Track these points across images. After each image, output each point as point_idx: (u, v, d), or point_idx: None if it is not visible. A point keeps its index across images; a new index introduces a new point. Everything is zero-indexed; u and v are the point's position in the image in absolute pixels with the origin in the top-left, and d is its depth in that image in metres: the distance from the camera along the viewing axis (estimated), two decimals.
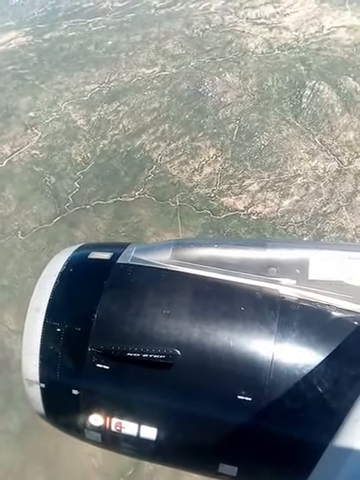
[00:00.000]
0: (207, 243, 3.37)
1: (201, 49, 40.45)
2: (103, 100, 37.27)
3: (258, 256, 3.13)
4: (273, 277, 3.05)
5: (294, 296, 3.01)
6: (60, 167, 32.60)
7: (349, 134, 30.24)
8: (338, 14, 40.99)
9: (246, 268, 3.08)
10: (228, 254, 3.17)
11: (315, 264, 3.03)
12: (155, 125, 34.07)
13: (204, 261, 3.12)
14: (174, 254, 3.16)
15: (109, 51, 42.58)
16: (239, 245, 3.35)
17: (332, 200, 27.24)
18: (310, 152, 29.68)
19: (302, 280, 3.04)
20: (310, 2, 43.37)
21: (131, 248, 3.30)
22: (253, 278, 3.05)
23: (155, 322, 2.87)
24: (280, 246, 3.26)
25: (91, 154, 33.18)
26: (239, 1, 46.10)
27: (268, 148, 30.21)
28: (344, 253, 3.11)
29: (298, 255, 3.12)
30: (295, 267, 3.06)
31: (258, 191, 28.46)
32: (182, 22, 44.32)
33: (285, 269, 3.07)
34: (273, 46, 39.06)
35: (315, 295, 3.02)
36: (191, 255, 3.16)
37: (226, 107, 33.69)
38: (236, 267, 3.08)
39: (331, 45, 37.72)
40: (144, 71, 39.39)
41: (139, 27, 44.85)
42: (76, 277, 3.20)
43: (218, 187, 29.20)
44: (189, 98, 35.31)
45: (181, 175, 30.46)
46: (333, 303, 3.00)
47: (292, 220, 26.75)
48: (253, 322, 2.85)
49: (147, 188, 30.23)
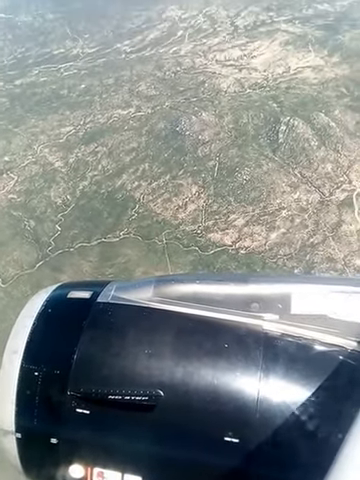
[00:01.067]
0: (189, 279, 3.36)
1: (175, 90, 41.37)
2: (80, 142, 37.12)
3: (240, 291, 3.13)
4: (256, 312, 3.04)
5: (278, 331, 2.99)
6: (40, 210, 31.77)
7: (327, 166, 31.02)
8: (302, 55, 43.11)
9: (229, 304, 3.06)
10: (210, 290, 3.16)
11: (297, 298, 3.04)
12: (135, 165, 34.02)
13: (186, 298, 3.09)
14: (156, 291, 3.13)
15: (83, 94, 42.92)
16: (221, 281, 3.38)
17: (318, 231, 27.49)
18: (292, 185, 30.16)
19: (285, 315, 3.03)
20: (275, 45, 45.56)
21: (111, 286, 3.26)
22: (236, 314, 3.03)
23: (137, 362, 2.81)
24: (262, 281, 3.31)
25: (71, 196, 32.58)
26: (207, 45, 47.93)
27: (250, 183, 30.51)
28: (325, 286, 3.13)
29: (280, 289, 3.12)
30: (277, 302, 3.05)
31: (244, 225, 28.44)
32: (154, 65, 45.46)
33: (268, 304, 3.06)
34: (244, 85, 40.40)
35: (299, 330, 3.01)
36: (173, 292, 3.13)
37: (205, 145, 34.13)
38: (219, 303, 3.06)
39: (299, 84, 39.37)
40: (120, 112, 39.74)
41: (111, 71, 45.66)
42: (55, 318, 3.15)
43: (204, 223, 29.03)
44: (167, 137, 35.64)
45: (165, 213, 30.19)
46: (317, 337, 3.00)
47: (281, 253, 26.71)
48: (237, 359, 2.81)
49: (132, 227, 29.72)
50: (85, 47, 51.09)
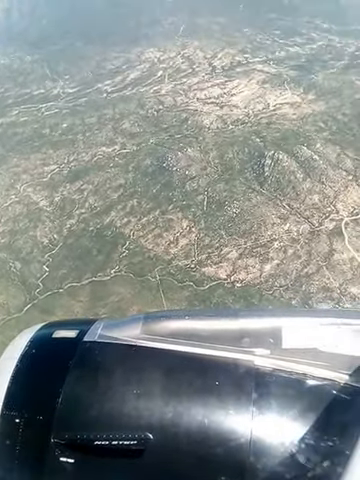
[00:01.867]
0: (178, 315, 3.32)
1: (158, 127, 41.90)
2: (65, 180, 36.74)
3: (230, 327, 3.09)
4: (247, 348, 2.99)
5: (269, 366, 2.95)
6: (25, 251, 30.83)
7: (314, 197, 31.56)
8: (280, 93, 44.69)
9: (219, 340, 3.02)
10: (200, 326, 3.11)
11: (288, 332, 3.02)
12: (123, 201, 33.75)
13: (176, 334, 3.03)
14: (144, 328, 3.06)
15: (65, 133, 42.93)
16: (211, 316, 3.37)
17: (311, 261, 27.55)
18: (281, 217, 30.42)
19: (276, 349, 3.00)
20: (252, 84, 47.15)
21: (98, 324, 3.20)
22: (227, 350, 2.98)
23: (125, 404, 2.70)
24: (252, 315, 3.28)
25: (58, 235, 31.85)
26: (187, 84, 49.21)
27: (240, 216, 30.63)
28: (315, 319, 3.11)
29: (270, 324, 3.09)
30: (268, 336, 3.03)
31: (238, 258, 28.27)
32: (136, 104, 46.17)
33: (258, 339, 3.04)
34: (227, 122, 41.32)
35: (290, 364, 2.97)
36: (162, 329, 3.07)
37: (192, 180, 34.31)
38: (209, 339, 3.00)
39: (279, 119, 40.56)
40: (104, 150, 39.79)
41: (93, 110, 46.08)
42: (38, 359, 3.01)
43: (197, 257, 28.72)
44: (154, 173, 35.70)
45: (157, 248, 29.78)
46: (309, 372, 2.96)
47: (277, 284, 26.52)
48: (229, 398, 2.72)
49: (123, 265, 29.10)
50: (65, 87, 51.65)
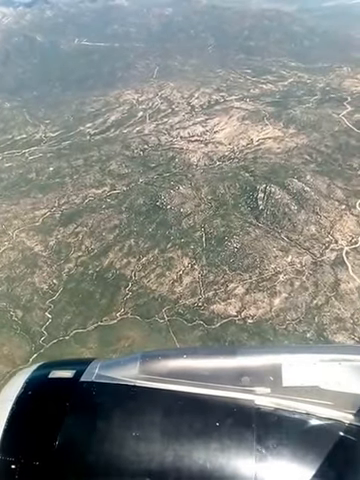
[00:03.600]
0: (176, 354, 3.19)
1: (146, 167, 42.18)
2: (57, 224, 36.08)
3: (230, 365, 3.02)
4: (247, 387, 2.91)
5: (270, 406, 2.87)
6: (25, 299, 29.68)
7: (311, 228, 32.10)
8: (261, 128, 46.15)
9: (218, 378, 2.94)
10: (199, 364, 3.05)
11: (288, 369, 2.95)
12: (120, 242, 33.32)
13: (174, 374, 2.96)
14: (142, 368, 2.99)
15: (52, 177, 42.56)
16: (209, 354, 3.27)
17: (319, 292, 27.69)
18: (282, 249, 30.67)
19: (277, 387, 2.92)
20: (233, 120, 48.59)
21: (95, 364, 3.12)
22: (226, 389, 2.90)
23: (123, 448, 2.63)
24: (250, 353, 3.20)
25: (57, 280, 30.92)
26: (169, 124, 50.20)
27: (241, 250, 30.68)
28: (315, 356, 3.04)
29: (270, 361, 3.02)
30: (268, 374, 2.95)
31: (245, 294, 28.09)
32: (120, 145, 46.51)
33: (258, 377, 2.94)
34: (213, 158, 42.08)
35: (292, 403, 2.89)
36: (160, 368, 3.00)
37: (188, 217, 34.38)
38: (208, 378, 2.94)
39: (265, 153, 41.68)
40: (94, 191, 39.54)
41: (78, 152, 46.07)
42: (35, 401, 2.92)
43: (204, 295, 28.36)
44: (148, 212, 35.61)
45: (161, 288, 29.29)
46: (311, 411, 2.88)
47: (289, 318, 26.38)
48: (230, 440, 2.66)
49: (128, 307, 28.38)
50: (47, 132, 51.67)
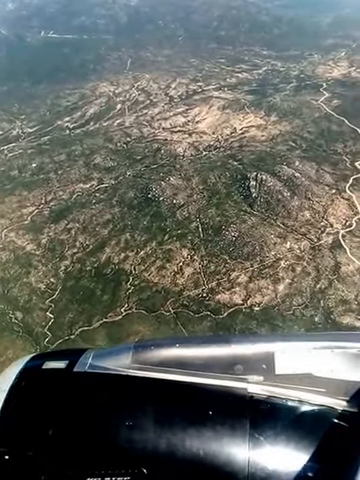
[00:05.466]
0: (168, 343, 3.19)
1: (132, 159, 41.51)
2: (47, 221, 35.03)
3: (223, 353, 3.03)
4: (240, 375, 2.93)
5: (263, 394, 2.89)
6: (23, 300, 28.76)
7: (305, 214, 32.56)
8: (243, 117, 46.28)
9: (211, 367, 2.96)
10: (191, 353, 3.07)
11: (281, 357, 2.98)
12: (115, 236, 32.74)
13: (167, 363, 2.99)
14: (134, 358, 3.01)
15: (36, 173, 41.23)
16: (202, 343, 3.28)
17: (321, 276, 28.16)
18: (280, 236, 30.97)
19: (270, 375, 2.94)
20: (214, 110, 48.49)
21: (88, 354, 3.14)
22: (220, 377, 2.92)
23: (117, 437, 2.65)
24: (244, 341, 3.18)
25: (55, 278, 30.11)
26: (149, 115, 49.54)
27: (240, 239, 30.77)
28: (308, 344, 3.07)
29: (263, 349, 3.03)
30: (261, 362, 2.97)
31: (249, 282, 28.23)
32: (103, 138, 45.54)
33: (251, 365, 2.97)
34: (199, 148, 41.87)
35: (285, 391, 2.92)
36: (153, 357, 3.03)
37: (181, 208, 34.14)
38: (201, 367, 2.96)
39: (250, 142, 41.85)
40: (82, 186, 38.60)
41: (60, 147, 44.76)
42: (28, 391, 2.92)
43: (207, 285, 28.31)
44: (141, 205, 35.12)
45: (163, 281, 29.02)
46: (304, 398, 2.90)
47: (295, 303, 26.71)
48: (224, 428, 2.67)
49: (132, 302, 27.99)
50: (24, 127, 49.90)
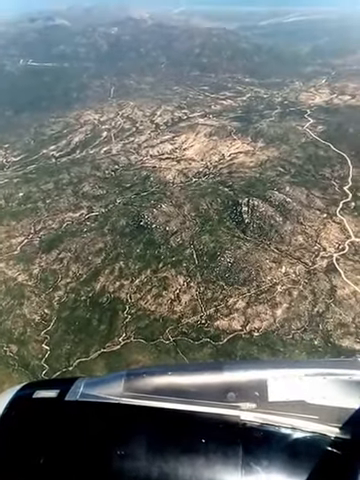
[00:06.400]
0: (161, 371, 3.19)
1: (121, 187, 41.48)
2: (38, 251, 34.37)
3: (215, 381, 3.02)
4: (232, 402, 2.92)
5: (256, 421, 2.88)
6: (18, 332, 27.86)
7: (299, 238, 32.89)
8: (230, 143, 47.06)
9: (204, 395, 2.95)
10: (184, 381, 3.05)
11: (273, 384, 2.98)
12: (109, 265, 32.30)
13: (159, 391, 2.97)
14: (127, 386, 3.00)
15: (23, 202, 40.67)
16: (194, 370, 3.28)
17: (318, 299, 28.27)
18: (275, 260, 31.11)
19: (262, 403, 2.94)
20: (201, 137, 49.20)
21: (79, 383, 3.12)
22: (212, 405, 2.91)
23: (109, 466, 2.63)
24: (236, 368, 3.20)
25: (49, 309, 29.35)
26: (136, 142, 49.90)
27: (235, 265, 30.77)
28: (300, 370, 3.10)
29: (255, 376, 3.04)
30: (254, 389, 2.97)
31: (246, 307, 28.09)
32: (90, 166, 45.49)
33: (244, 392, 2.96)
34: (188, 175, 42.21)
35: (278, 418, 2.91)
36: (145, 385, 3.01)
37: (175, 235, 34.06)
38: (194, 395, 2.95)
39: (239, 168, 42.44)
40: (71, 215, 38.21)
41: (47, 176, 44.46)
42: (19, 422, 2.90)
43: (205, 312, 28.04)
44: (133, 233, 34.90)
45: (160, 309, 28.62)
46: (298, 425, 2.90)
47: (293, 327, 26.65)
48: (216, 456, 2.66)
49: (130, 331, 27.43)
50: (8, 156, 49.53)
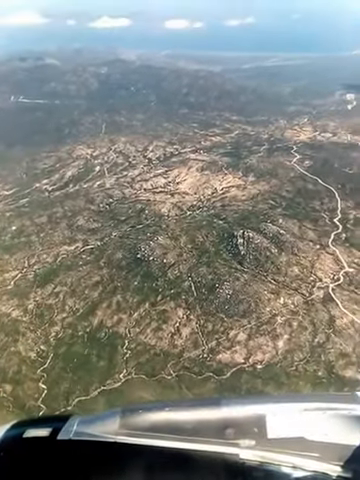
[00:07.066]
0: (157, 407, 3.14)
1: (116, 220, 41.60)
2: (33, 285, 33.85)
3: (213, 417, 2.98)
4: (231, 439, 2.87)
5: (256, 460, 2.82)
6: (12, 370, 27.01)
7: (294, 269, 33.21)
8: (222, 177, 47.99)
9: (202, 432, 2.89)
10: (181, 417, 3.00)
11: (272, 420, 2.94)
12: (106, 299, 31.93)
13: (156, 428, 2.90)
14: (122, 423, 2.92)
15: (16, 236, 40.33)
16: (191, 407, 3.24)
17: (318, 330, 28.31)
18: (273, 291, 31.24)
19: (262, 440, 2.88)
20: (193, 171, 50.08)
21: (73, 421, 3.01)
22: (211, 443, 2.85)
23: None
24: (234, 404, 3.14)
25: (45, 346, 28.63)
26: (129, 177, 50.47)
27: (234, 296, 30.77)
28: (299, 405, 3.07)
29: (254, 412, 3.00)
30: (253, 426, 2.92)
31: (248, 339, 27.92)
32: (84, 200, 45.65)
33: (242, 429, 2.91)
34: (183, 208, 42.64)
35: (277, 456, 2.85)
36: (141, 423, 2.94)
37: (172, 267, 34.04)
38: (191, 432, 2.89)
39: (232, 201, 43.13)
40: (66, 248, 37.96)
41: (40, 209, 44.40)
42: (8, 463, 2.77)
43: (207, 345, 27.74)
44: (130, 266, 34.76)
45: (161, 343, 28.22)
46: (298, 463, 2.82)
47: (296, 359, 26.50)
48: None
49: (130, 367, 26.87)
50: (0, 190, 49.45)
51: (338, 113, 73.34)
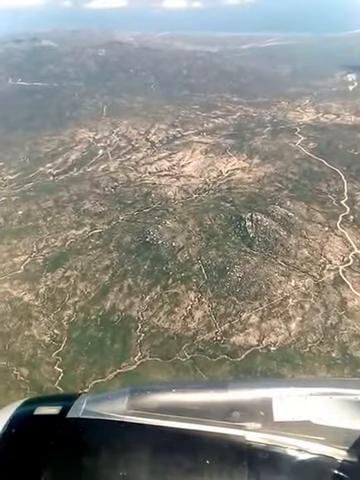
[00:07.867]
0: (165, 389, 3.20)
1: (123, 203, 41.41)
2: (43, 269, 33.81)
3: (220, 399, 3.00)
4: (237, 422, 2.89)
5: (262, 442, 2.84)
6: (28, 354, 27.14)
7: (304, 251, 33.32)
8: (226, 160, 47.73)
9: (208, 414, 2.92)
10: (188, 399, 3.04)
11: (279, 404, 2.96)
12: (117, 282, 31.98)
13: (163, 409, 2.95)
14: (130, 403, 2.97)
15: (24, 221, 40.13)
16: (199, 388, 3.28)
17: (330, 312, 28.55)
18: (283, 274, 31.38)
19: (268, 423, 2.90)
20: (197, 154, 49.76)
21: (82, 399, 3.09)
22: (217, 424, 2.88)
23: None
24: (241, 387, 3.18)
25: (59, 330, 28.74)
26: (133, 160, 50.11)
27: (245, 279, 30.89)
28: (306, 389, 3.06)
29: (260, 395, 3.01)
30: (259, 409, 2.93)
31: (260, 322, 28.13)
32: (89, 183, 45.34)
33: (249, 412, 2.92)
34: (189, 191, 42.50)
35: (283, 439, 2.87)
36: (149, 403, 2.99)
37: (182, 250, 34.07)
38: (198, 413, 2.93)
39: (238, 184, 43.00)
40: (74, 233, 37.84)
41: (45, 193, 44.08)
42: (19, 439, 2.85)
43: (220, 328, 27.95)
44: (139, 249, 34.74)
45: (174, 326, 28.38)
46: (303, 446, 2.85)
47: (309, 340, 26.77)
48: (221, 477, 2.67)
49: (145, 350, 27.06)
50: (4, 174, 48.99)
51: (339, 94, 72.73)
